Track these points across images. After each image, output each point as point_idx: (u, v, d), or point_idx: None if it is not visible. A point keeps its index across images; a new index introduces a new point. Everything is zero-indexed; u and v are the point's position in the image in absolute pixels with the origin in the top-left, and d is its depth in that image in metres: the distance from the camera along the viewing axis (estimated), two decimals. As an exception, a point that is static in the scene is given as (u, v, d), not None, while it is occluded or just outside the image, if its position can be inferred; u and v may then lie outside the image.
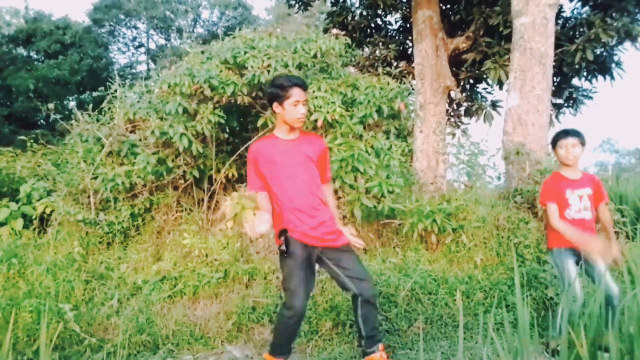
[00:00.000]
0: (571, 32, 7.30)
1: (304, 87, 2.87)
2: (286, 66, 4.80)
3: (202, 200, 5.01)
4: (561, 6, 7.81)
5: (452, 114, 9.40)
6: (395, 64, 8.85)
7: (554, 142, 3.39)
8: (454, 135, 8.66)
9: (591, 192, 3.30)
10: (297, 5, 9.74)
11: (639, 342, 1.62)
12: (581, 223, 3.26)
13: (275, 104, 2.88)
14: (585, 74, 7.80)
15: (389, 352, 3.65)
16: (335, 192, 4.75)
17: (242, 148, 5.13)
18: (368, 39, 9.29)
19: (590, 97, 8.32)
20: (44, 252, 4.43)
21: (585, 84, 8.24)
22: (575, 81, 8.17)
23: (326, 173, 3.10)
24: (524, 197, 5.22)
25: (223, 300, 4.07)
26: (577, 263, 3.26)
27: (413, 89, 7.24)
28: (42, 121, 18.63)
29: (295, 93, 2.81)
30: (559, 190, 3.29)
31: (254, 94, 5.06)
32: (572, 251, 3.24)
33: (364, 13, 9.29)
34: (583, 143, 3.31)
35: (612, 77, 7.73)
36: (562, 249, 3.27)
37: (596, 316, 1.83)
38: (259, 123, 4.99)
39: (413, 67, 7.87)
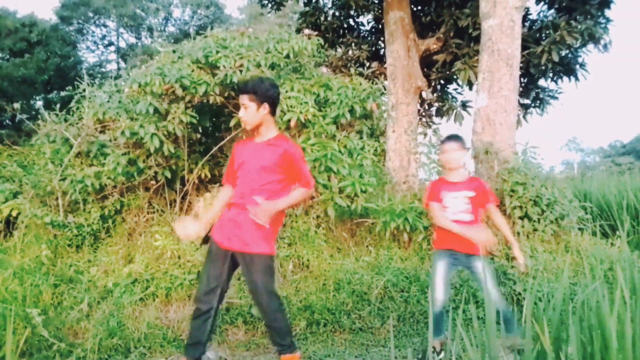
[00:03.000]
0: (537, 34, 7.49)
1: (239, 90, 2.96)
2: (258, 66, 4.80)
3: (175, 201, 4.97)
4: (528, 9, 8.02)
5: (423, 114, 9.54)
6: (367, 64, 8.92)
7: (440, 147, 3.49)
8: (425, 135, 8.78)
9: (473, 194, 3.33)
10: (269, 5, 9.71)
11: (597, 334, 1.69)
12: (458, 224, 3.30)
13: None
14: (551, 75, 8.01)
15: (361, 349, 3.70)
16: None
17: (215, 148, 5.10)
18: (341, 40, 9.34)
19: (556, 98, 8.56)
20: (11, 256, 4.32)
21: (551, 85, 8.48)
22: (541, 82, 8.39)
23: (298, 178, 2.96)
24: (493, 195, 5.34)
25: (196, 301, 4.04)
26: (456, 266, 3.37)
27: (385, 90, 7.31)
28: (7, 121, 18.07)
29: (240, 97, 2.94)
30: (437, 192, 3.38)
31: (226, 94, 5.03)
32: (449, 253, 3.32)
33: (337, 14, 9.33)
34: (464, 147, 3.40)
35: (577, 78, 7.97)
36: (439, 250, 3.37)
37: (559, 310, 1.90)
38: (232, 123, 4.97)
39: (385, 68, 7.95)
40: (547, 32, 7.20)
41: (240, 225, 2.88)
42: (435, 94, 9.03)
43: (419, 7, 8.80)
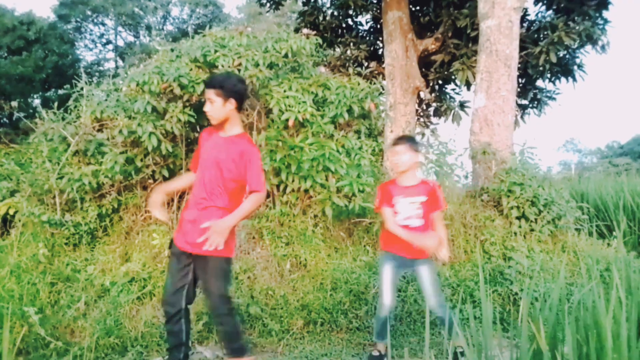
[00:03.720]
0: (535, 35, 7.52)
1: (206, 84, 2.95)
2: (257, 65, 4.80)
3: (172, 200, 4.96)
4: (526, 10, 8.04)
5: (421, 114, 9.56)
6: (365, 64, 8.94)
7: (389, 150, 3.42)
8: (423, 135, 8.78)
9: (425, 199, 3.26)
10: (268, 4, 9.72)
11: (593, 333, 1.70)
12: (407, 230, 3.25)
13: None
14: (548, 75, 8.04)
15: (358, 349, 3.70)
16: (306, 191, 4.78)
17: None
18: (339, 39, 9.35)
19: (554, 98, 8.59)
20: (7, 254, 4.31)
21: (549, 86, 8.51)
22: (539, 82, 8.42)
23: (250, 182, 2.87)
24: (490, 195, 5.36)
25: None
26: (402, 269, 3.35)
27: (383, 89, 7.33)
28: (4, 119, 18.02)
29: (205, 91, 2.93)
30: (389, 196, 3.30)
31: (224, 93, 5.02)
32: (393, 256, 3.29)
33: (335, 13, 9.34)
34: (414, 149, 3.29)
35: (575, 79, 7.99)
36: (386, 253, 3.34)
37: (555, 310, 1.91)
38: (230, 122, 4.97)
39: (383, 68, 7.96)
40: (545, 33, 7.23)
41: (197, 226, 2.85)
42: (433, 94, 9.04)
43: (418, 8, 8.82)
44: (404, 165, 3.28)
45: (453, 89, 9.20)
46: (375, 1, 8.85)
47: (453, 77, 8.07)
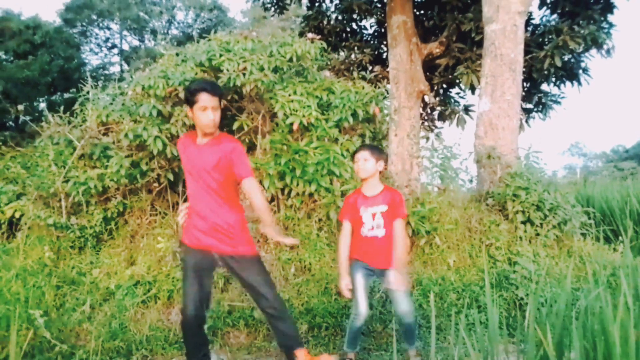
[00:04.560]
0: (540, 39, 7.50)
1: (212, 92, 2.79)
2: (262, 69, 4.81)
3: (177, 203, 4.97)
4: (531, 13, 8.04)
5: (426, 118, 9.54)
6: (370, 68, 8.94)
7: (352, 157, 3.38)
8: (427, 139, 8.77)
9: (386, 209, 3.22)
10: (273, 9, 9.75)
11: (600, 340, 1.69)
12: (372, 241, 3.22)
13: (187, 108, 2.88)
14: (553, 79, 8.01)
15: (363, 353, 3.69)
16: (311, 195, 4.78)
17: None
18: (343, 43, 9.35)
19: (559, 102, 8.55)
20: (13, 257, 4.33)
21: (554, 90, 8.47)
22: (544, 86, 8.40)
23: (241, 171, 2.87)
24: (495, 199, 5.34)
25: (198, 304, 4.04)
26: (372, 277, 3.31)
27: (388, 93, 7.33)
28: (11, 123, 18.14)
29: (203, 98, 2.76)
30: (354, 207, 3.26)
31: (229, 97, 5.05)
32: (364, 265, 3.25)
33: (340, 17, 9.35)
34: (376, 157, 3.25)
35: (580, 83, 7.96)
36: (354, 260, 3.29)
37: (562, 316, 1.90)
38: (235, 126, 4.99)
39: (388, 72, 7.96)
40: (550, 36, 7.21)
41: (224, 231, 2.90)
42: (437, 98, 9.03)
43: (422, 11, 8.82)
44: (366, 173, 3.25)
45: (457, 93, 9.19)
46: (379, 5, 8.86)
47: (457, 81, 8.05)
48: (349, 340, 3.37)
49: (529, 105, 8.62)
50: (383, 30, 9.24)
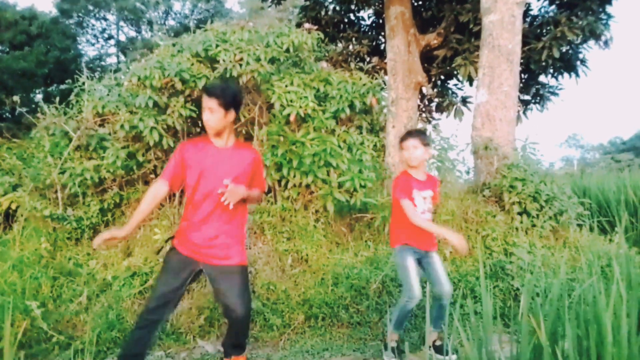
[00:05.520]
0: (538, 30, 7.47)
1: (208, 93, 2.76)
2: (258, 60, 4.79)
3: (174, 195, 4.96)
4: (529, 4, 7.98)
5: (423, 109, 9.52)
6: (367, 59, 8.90)
7: (400, 143, 3.37)
8: (425, 130, 8.77)
9: (432, 194, 3.33)
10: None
11: (593, 328, 1.70)
12: None
13: None
14: (551, 71, 7.99)
15: (359, 344, 3.71)
16: (308, 186, 4.78)
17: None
18: (341, 34, 9.30)
19: (557, 94, 8.54)
20: (10, 248, 4.32)
21: (552, 81, 8.45)
22: (542, 78, 8.37)
23: (259, 184, 2.98)
24: (491, 190, 5.35)
25: (195, 295, 4.06)
26: (418, 261, 3.31)
27: (385, 85, 7.31)
28: (7, 114, 18.04)
29: (203, 99, 2.77)
30: (409, 189, 3.26)
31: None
32: (413, 249, 3.28)
33: (337, 8, 9.30)
34: (425, 144, 3.28)
35: (577, 75, 7.94)
36: (403, 246, 3.30)
37: (556, 305, 1.91)
38: (231, 117, 4.96)
39: (385, 63, 7.93)
40: (548, 28, 7.18)
41: (222, 241, 2.84)
42: (435, 90, 9.01)
43: (420, 2, 8.78)
44: (416, 160, 3.28)
45: (455, 85, 9.16)
46: (377, -4, 8.81)
47: (455, 72, 8.03)
48: (397, 322, 3.34)
49: (527, 97, 8.61)
50: (381, 21, 9.19)
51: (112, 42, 25.14)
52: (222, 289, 2.81)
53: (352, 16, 9.55)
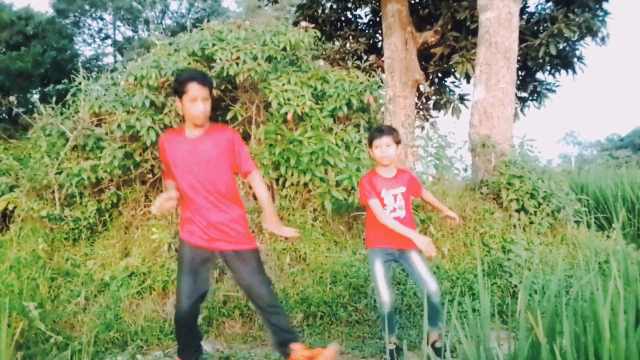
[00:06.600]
0: (535, 27, 7.49)
1: (203, 82, 2.72)
2: (255, 59, 4.78)
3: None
4: (525, 1, 8.00)
5: (421, 107, 9.54)
6: (365, 57, 8.90)
7: (370, 141, 3.29)
8: (422, 128, 8.78)
9: (405, 190, 3.25)
10: (267, -2, 9.68)
11: (591, 324, 1.70)
12: None
13: (176, 99, 2.81)
14: (548, 68, 8.01)
15: (358, 342, 3.71)
16: (306, 185, 4.77)
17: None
18: (338, 32, 9.31)
19: (554, 91, 8.56)
20: (7, 249, 4.31)
21: (549, 78, 8.49)
22: (539, 75, 8.40)
23: (242, 164, 2.88)
24: (489, 188, 5.36)
25: (193, 294, 4.04)
26: (391, 262, 3.29)
27: (382, 83, 7.31)
28: (3, 115, 17.97)
29: (193, 89, 2.69)
30: (376, 189, 3.21)
31: (222, 87, 5.01)
32: (385, 251, 3.24)
33: (334, 6, 9.30)
34: (398, 141, 3.25)
35: (574, 71, 7.96)
36: (374, 249, 3.27)
37: (554, 302, 1.91)
38: (229, 116, 4.96)
39: (383, 61, 7.93)
40: (545, 25, 7.20)
41: (227, 226, 2.85)
42: (432, 87, 9.02)
43: (417, 0, 8.78)
44: (389, 159, 3.22)
45: (452, 82, 9.19)
46: (374, -6, 8.81)
47: (452, 69, 8.04)
48: (385, 327, 3.31)
49: (524, 94, 8.63)
50: (378, 19, 9.18)
51: (108, 41, 25.09)
52: (242, 276, 2.88)
53: (349, 14, 9.56)
